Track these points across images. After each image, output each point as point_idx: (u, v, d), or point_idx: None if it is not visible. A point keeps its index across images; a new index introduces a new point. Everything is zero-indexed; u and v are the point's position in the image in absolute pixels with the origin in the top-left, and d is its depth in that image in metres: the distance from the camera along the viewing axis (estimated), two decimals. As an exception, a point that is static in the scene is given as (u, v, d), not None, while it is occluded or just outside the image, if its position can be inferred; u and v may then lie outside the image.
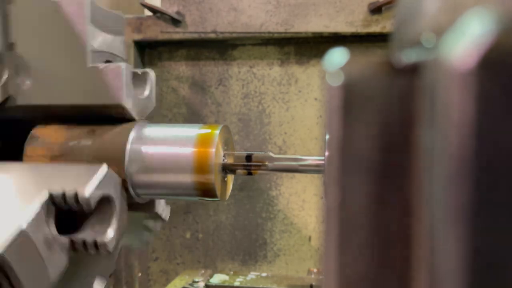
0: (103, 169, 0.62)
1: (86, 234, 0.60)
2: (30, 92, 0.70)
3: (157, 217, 0.79)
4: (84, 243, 0.59)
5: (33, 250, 0.54)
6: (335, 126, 0.24)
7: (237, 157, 0.71)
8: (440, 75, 0.20)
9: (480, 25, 0.19)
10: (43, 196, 0.57)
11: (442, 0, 0.24)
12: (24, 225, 0.53)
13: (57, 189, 0.57)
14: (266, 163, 0.70)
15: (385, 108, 0.24)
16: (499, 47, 0.18)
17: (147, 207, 0.77)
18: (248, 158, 0.71)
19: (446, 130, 0.20)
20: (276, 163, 0.70)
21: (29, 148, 0.71)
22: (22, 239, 0.53)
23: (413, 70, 0.24)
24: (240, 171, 0.72)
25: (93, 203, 0.58)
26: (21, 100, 0.70)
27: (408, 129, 0.24)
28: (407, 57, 0.25)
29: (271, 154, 0.71)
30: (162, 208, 0.80)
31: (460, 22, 0.20)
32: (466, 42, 0.19)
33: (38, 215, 0.55)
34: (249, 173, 0.72)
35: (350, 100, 0.24)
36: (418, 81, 0.24)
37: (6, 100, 0.70)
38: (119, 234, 0.62)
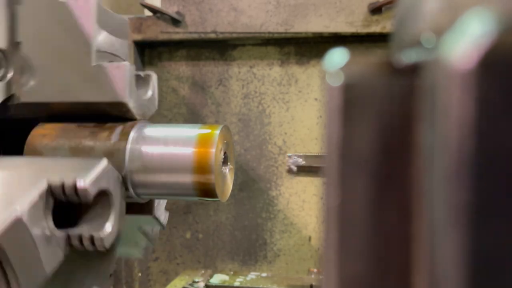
0: (103, 162, 0.61)
1: (83, 229, 0.59)
2: (33, 89, 0.70)
3: (156, 222, 0.79)
4: (81, 238, 0.59)
5: (28, 239, 0.53)
6: (335, 126, 0.24)
7: None
8: (440, 75, 0.20)
9: (480, 25, 0.19)
10: (42, 186, 0.56)
11: (442, 0, 0.24)
12: (20, 213, 0.52)
13: (56, 180, 0.57)
14: None
15: (385, 108, 0.24)
16: (499, 47, 0.18)
17: (146, 209, 0.77)
18: None
19: (446, 130, 0.20)
20: None
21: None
22: (18, 226, 0.52)
23: (413, 70, 0.24)
24: None
25: (91, 194, 0.57)
26: (24, 98, 0.71)
27: (408, 129, 0.24)
28: (407, 57, 0.25)
29: None
30: (161, 212, 0.79)
31: (460, 22, 0.20)
32: (466, 42, 0.19)
33: (35, 204, 0.55)
34: None
35: (350, 100, 0.24)
36: (418, 81, 0.24)
37: (9, 98, 0.70)
38: (117, 230, 0.62)
